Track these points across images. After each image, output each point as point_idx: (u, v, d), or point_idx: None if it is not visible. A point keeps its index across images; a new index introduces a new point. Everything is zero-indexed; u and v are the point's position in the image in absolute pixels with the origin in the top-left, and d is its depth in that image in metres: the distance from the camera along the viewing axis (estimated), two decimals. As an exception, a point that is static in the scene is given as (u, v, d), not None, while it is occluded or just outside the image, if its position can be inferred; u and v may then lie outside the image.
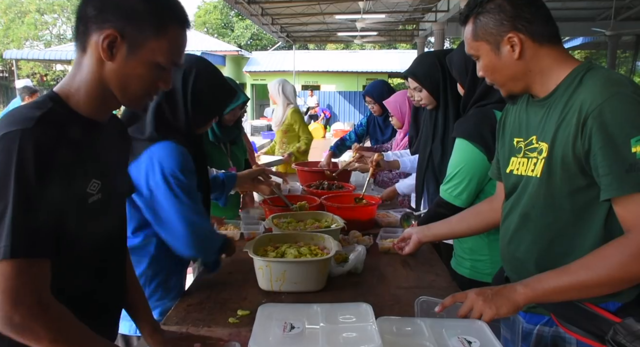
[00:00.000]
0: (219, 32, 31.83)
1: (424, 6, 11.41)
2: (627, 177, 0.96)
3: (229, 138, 2.59)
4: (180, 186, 1.41)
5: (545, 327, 1.18)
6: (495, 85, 1.22)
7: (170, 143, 1.44)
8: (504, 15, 1.12)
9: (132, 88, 0.94)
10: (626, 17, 11.65)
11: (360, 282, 1.62)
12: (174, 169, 1.41)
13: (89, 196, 0.93)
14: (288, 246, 1.64)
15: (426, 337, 1.01)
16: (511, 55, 1.13)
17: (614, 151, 0.97)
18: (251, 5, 10.42)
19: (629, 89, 1.00)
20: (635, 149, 0.94)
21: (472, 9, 1.17)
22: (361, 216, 2.22)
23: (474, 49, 1.19)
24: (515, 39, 1.11)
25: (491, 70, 1.18)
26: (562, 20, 12.69)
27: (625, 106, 0.98)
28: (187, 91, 1.48)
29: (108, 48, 0.89)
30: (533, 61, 1.13)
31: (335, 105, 20.07)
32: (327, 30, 15.54)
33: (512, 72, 1.15)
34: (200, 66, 1.53)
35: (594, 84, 1.04)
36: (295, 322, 1.02)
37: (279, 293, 1.50)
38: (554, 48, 1.14)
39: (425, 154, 2.13)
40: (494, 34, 1.13)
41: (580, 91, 1.05)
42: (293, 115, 4.03)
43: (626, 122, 0.97)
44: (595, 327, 1.07)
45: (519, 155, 1.21)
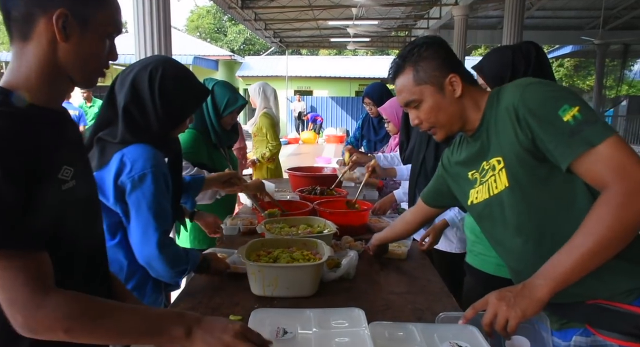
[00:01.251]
0: (211, 37, 31.82)
1: (416, 13, 11.52)
2: (573, 140, 1.02)
3: (230, 142, 2.61)
4: (147, 190, 1.39)
5: (581, 338, 1.14)
6: (434, 129, 1.29)
7: (144, 145, 1.42)
8: (441, 60, 1.24)
9: (90, 66, 0.93)
10: (614, 27, 11.83)
11: (353, 288, 1.62)
12: (144, 171, 1.39)
13: (63, 183, 0.91)
14: (281, 251, 1.64)
15: (418, 342, 1.02)
16: (453, 94, 1.23)
17: (552, 127, 1.05)
18: (244, 10, 10.45)
19: (534, 80, 1.14)
20: (566, 118, 1.03)
21: (408, 59, 1.26)
22: (353, 221, 2.23)
23: (416, 94, 1.25)
24: (455, 79, 1.23)
25: (436, 111, 1.25)
26: (553, 28, 12.86)
27: (539, 88, 1.10)
28: (154, 91, 1.45)
29: (62, 28, 0.87)
30: (467, 98, 1.25)
31: (328, 110, 20.12)
32: (320, 36, 15.61)
33: (455, 110, 1.25)
34: (166, 65, 1.50)
35: (507, 92, 1.17)
36: (288, 327, 1.03)
37: (272, 298, 1.50)
38: (476, 87, 1.28)
39: (419, 159, 2.15)
40: (437, 76, 1.23)
41: (501, 103, 1.17)
42: (262, 118, 3.93)
43: (546, 100, 1.07)
44: (633, 328, 1.05)
45: (476, 186, 1.29)
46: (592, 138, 1.00)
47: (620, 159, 0.99)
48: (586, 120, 1.01)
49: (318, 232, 1.93)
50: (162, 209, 1.43)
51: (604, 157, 1.00)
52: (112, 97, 1.48)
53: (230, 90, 2.49)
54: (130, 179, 1.38)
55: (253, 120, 4.03)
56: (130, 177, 1.38)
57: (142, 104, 1.45)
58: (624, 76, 17.04)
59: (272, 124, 3.96)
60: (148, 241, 1.39)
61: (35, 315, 0.80)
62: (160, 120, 1.46)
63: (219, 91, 2.46)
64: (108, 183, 1.40)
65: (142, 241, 1.39)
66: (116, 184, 1.39)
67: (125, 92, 1.44)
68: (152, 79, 1.45)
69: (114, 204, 1.41)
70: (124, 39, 3.48)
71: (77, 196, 0.95)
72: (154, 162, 1.41)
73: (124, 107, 1.43)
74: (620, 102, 14.54)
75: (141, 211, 1.39)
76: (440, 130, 1.29)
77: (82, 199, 0.97)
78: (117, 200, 1.41)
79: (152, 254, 1.39)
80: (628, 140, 12.33)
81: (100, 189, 1.40)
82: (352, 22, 10.73)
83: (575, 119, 1.02)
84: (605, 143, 0.99)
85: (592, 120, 1.01)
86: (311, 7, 10.52)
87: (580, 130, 1.01)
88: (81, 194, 0.97)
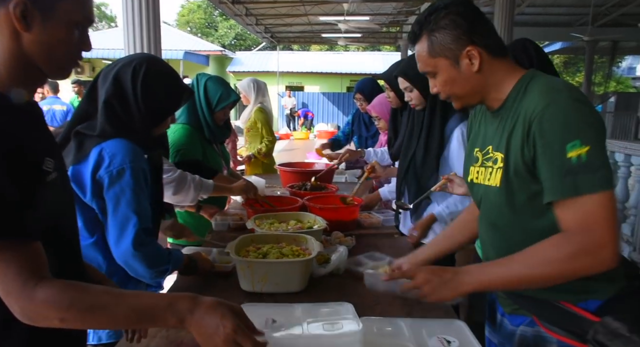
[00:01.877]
0: (202, 32, 31.60)
1: (407, 9, 11.51)
2: (564, 181, 1.00)
3: (223, 138, 2.60)
4: (125, 186, 1.36)
5: (527, 328, 1.19)
6: (451, 99, 1.23)
7: (123, 140, 1.39)
8: (460, 30, 1.13)
9: (57, 55, 0.91)
10: (603, 24, 11.92)
11: (342, 283, 1.63)
12: (123, 166, 1.36)
13: (47, 174, 0.90)
14: (270, 246, 1.64)
15: (406, 337, 1.02)
16: (470, 68, 1.15)
17: (552, 157, 1.02)
18: (235, 5, 10.38)
19: (566, 95, 1.04)
20: (570, 154, 0.99)
21: (424, 26, 1.17)
22: (343, 217, 2.23)
23: (431, 66, 1.19)
24: (473, 52, 1.13)
25: (450, 85, 1.19)
26: (542, 25, 12.92)
27: (561, 112, 1.02)
28: (136, 86, 1.43)
29: (22, 17, 0.85)
30: (489, 73, 1.16)
31: (319, 106, 20.09)
32: (311, 32, 15.55)
33: (472, 85, 1.17)
34: (151, 62, 1.49)
35: (535, 92, 1.09)
36: (277, 318, 1.03)
37: (261, 294, 1.50)
38: (504, 60, 1.18)
39: (408, 154, 2.14)
40: (452, 49, 1.14)
41: (525, 100, 1.10)
42: (257, 113, 3.91)
43: (561, 128, 1.01)
44: (575, 327, 1.09)
45: (476, 165, 1.26)
46: (583, 186, 0.98)
47: (596, 218, 0.99)
48: (589, 164, 0.98)
49: (308, 227, 1.94)
50: (141, 205, 1.39)
51: (584, 208, 0.99)
52: (94, 92, 1.46)
53: (222, 86, 2.46)
54: (108, 174, 1.35)
55: (246, 115, 4.00)
56: (108, 172, 1.35)
57: (124, 98, 1.43)
58: (612, 73, 17.21)
59: (267, 118, 3.95)
60: (125, 238, 1.35)
61: (29, 305, 0.82)
62: (142, 116, 1.44)
63: (211, 86, 2.44)
64: (86, 177, 1.37)
65: (118, 238, 1.35)
66: (94, 178, 1.37)
67: (108, 86, 1.42)
68: (136, 75, 1.44)
69: (91, 200, 1.39)
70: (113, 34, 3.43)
71: (60, 188, 0.94)
72: (133, 158, 1.39)
73: (105, 100, 1.41)
74: (609, 99, 14.67)
75: (119, 207, 1.36)
76: (456, 101, 1.23)
77: (64, 192, 0.96)
78: (94, 195, 1.38)
79: (128, 251, 1.35)
80: (615, 135, 12.47)
81: (78, 184, 1.38)
82: (344, 17, 10.70)
83: (579, 159, 0.98)
84: (593, 196, 0.98)
85: (595, 167, 0.98)
86: (302, 2, 10.48)
87: (577, 173, 0.98)
88: (63, 186, 0.96)
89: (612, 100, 14.68)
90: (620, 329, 1.02)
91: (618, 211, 4.43)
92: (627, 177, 4.40)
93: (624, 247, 4.07)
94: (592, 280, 1.06)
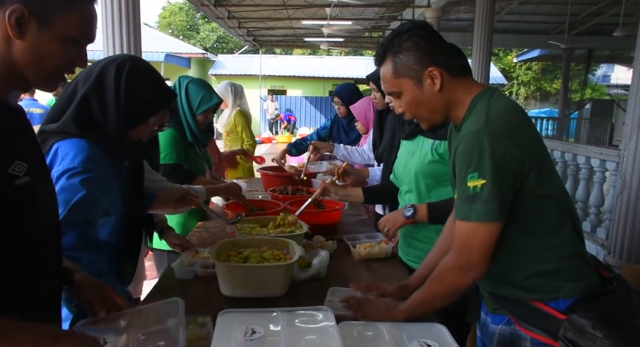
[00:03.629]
0: (184, 34, 31.33)
1: (389, 14, 11.62)
2: (463, 204, 1.13)
3: (206, 141, 2.58)
4: (72, 185, 1.26)
5: (505, 327, 1.25)
6: (417, 119, 1.29)
7: (83, 141, 1.32)
8: (422, 52, 1.20)
9: (46, 66, 0.90)
10: (579, 33, 12.22)
11: (324, 287, 1.62)
12: (72, 165, 1.28)
13: (14, 178, 0.87)
14: (251, 251, 1.63)
15: (387, 341, 1.02)
16: (432, 88, 1.21)
17: (460, 183, 1.14)
18: (217, 7, 10.32)
19: (484, 128, 1.11)
20: (469, 184, 1.10)
21: (388, 49, 1.24)
22: (325, 220, 2.23)
23: (396, 86, 1.24)
24: (435, 72, 1.19)
25: (415, 105, 1.24)
26: (521, 32, 13.18)
27: (473, 144, 1.10)
28: (119, 84, 1.39)
29: (16, 25, 0.84)
30: (450, 93, 1.22)
31: (302, 110, 20.10)
32: (294, 35, 15.57)
33: (434, 104, 1.23)
34: (135, 61, 1.47)
35: (471, 117, 1.18)
36: (257, 328, 1.02)
37: (242, 299, 1.48)
38: (464, 80, 1.24)
39: (392, 157, 2.17)
40: (415, 69, 1.20)
41: (467, 122, 1.19)
42: (237, 117, 3.87)
43: (468, 158, 1.11)
44: (547, 325, 1.14)
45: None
46: (472, 214, 1.11)
47: (475, 243, 1.12)
48: (481, 196, 1.09)
49: (289, 232, 1.93)
50: (87, 206, 1.28)
51: (468, 232, 1.13)
52: (74, 93, 1.41)
53: (204, 89, 2.44)
54: (57, 173, 1.28)
55: (225, 119, 3.97)
56: (57, 171, 1.29)
57: (104, 97, 1.39)
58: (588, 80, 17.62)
59: (247, 121, 3.94)
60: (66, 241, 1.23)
61: None
62: (119, 117, 1.40)
63: (193, 89, 2.41)
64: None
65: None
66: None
67: (90, 83, 1.39)
68: (119, 72, 1.41)
69: None
70: (92, 35, 3.36)
71: (33, 193, 0.91)
72: (87, 164, 1.30)
73: (83, 95, 1.36)
74: (585, 105, 15.03)
75: (65, 204, 1.25)
76: (423, 121, 1.29)
77: (38, 197, 0.93)
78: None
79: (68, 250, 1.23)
80: (591, 141, 12.76)
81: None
82: (327, 22, 10.74)
83: (474, 189, 1.09)
84: (478, 224, 1.11)
85: (485, 199, 1.08)
86: (285, 6, 10.48)
87: (472, 201, 1.10)
88: (37, 191, 0.93)
89: (588, 107, 15.03)
90: (585, 326, 1.06)
91: (594, 216, 4.51)
92: (602, 182, 4.50)
93: (599, 250, 4.16)
94: (559, 279, 1.15)
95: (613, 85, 20.33)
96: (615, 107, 13.49)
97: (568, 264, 1.17)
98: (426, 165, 1.75)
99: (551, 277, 1.16)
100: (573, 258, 1.18)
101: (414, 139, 1.87)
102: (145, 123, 1.50)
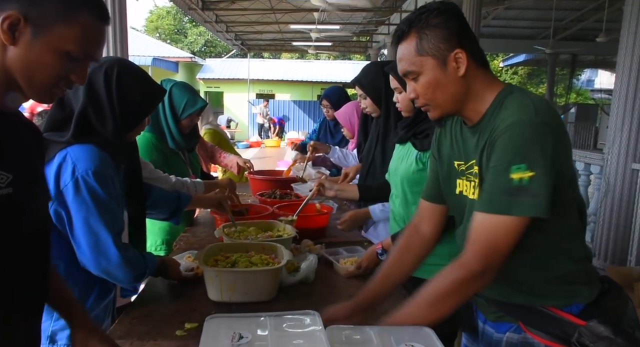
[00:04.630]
0: (171, 38, 31.20)
1: (377, 19, 11.69)
2: (501, 198, 1.03)
3: (190, 145, 2.54)
4: (91, 192, 1.30)
5: (514, 334, 1.19)
6: (429, 106, 1.18)
7: (91, 146, 1.35)
8: (451, 31, 1.10)
9: (38, 77, 0.87)
10: (563, 38, 12.42)
11: (312, 292, 1.62)
12: (88, 172, 1.30)
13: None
14: (239, 255, 1.62)
15: (375, 345, 1.02)
16: (456, 72, 1.11)
17: (497, 174, 1.04)
18: (205, 11, 10.30)
19: (531, 116, 1.04)
20: (513, 176, 1.01)
21: (414, 24, 1.12)
22: (313, 225, 2.23)
23: (416, 65, 1.13)
24: (461, 55, 1.10)
25: (433, 87, 1.13)
26: (508, 37, 13.34)
27: (521, 134, 1.03)
28: (111, 90, 1.40)
29: (9, 30, 0.83)
30: (472, 81, 1.13)
31: (290, 114, 20.11)
32: (282, 40, 15.58)
33: (454, 90, 1.13)
34: (121, 64, 1.46)
35: (507, 110, 1.08)
36: (244, 333, 1.01)
37: (230, 304, 1.47)
38: (486, 72, 1.16)
39: (368, 159, 2.20)
40: (441, 48, 1.10)
41: (499, 115, 1.09)
42: (208, 137, 3.58)
43: (515, 149, 1.03)
44: (560, 331, 1.10)
45: (463, 178, 1.23)
46: (515, 208, 1.02)
47: (503, 239, 1.04)
48: (530, 189, 1.00)
49: (277, 236, 1.92)
50: (111, 210, 1.35)
51: (498, 227, 1.04)
52: (62, 99, 1.41)
53: (189, 92, 2.42)
54: (73, 180, 1.30)
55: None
56: (73, 178, 1.30)
57: (99, 105, 1.40)
58: (572, 85, 17.88)
59: (220, 138, 3.73)
60: (102, 247, 1.31)
61: None
62: (116, 121, 1.41)
63: (177, 93, 2.38)
64: (48, 181, 1.29)
65: (94, 249, 1.31)
66: (57, 186, 1.31)
67: (81, 94, 1.39)
68: (109, 78, 1.41)
69: (52, 204, 1.32)
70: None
71: (13, 202, 0.86)
72: (99, 164, 1.34)
73: (81, 111, 1.37)
74: (569, 110, 15.23)
75: (88, 215, 1.31)
76: (435, 109, 1.17)
77: (18, 206, 0.89)
78: (57, 203, 1.32)
79: (109, 261, 1.32)
80: (576, 145, 12.94)
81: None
82: (315, 26, 10.77)
83: (520, 182, 1.01)
84: (517, 219, 1.02)
85: (534, 192, 1.00)
86: (273, 10, 10.49)
87: (517, 194, 1.01)
88: (22, 202, 0.89)
89: (573, 111, 15.24)
90: (604, 332, 1.05)
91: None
92: (587, 186, 4.57)
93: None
94: (575, 284, 1.11)
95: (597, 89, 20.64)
96: (599, 111, 13.70)
97: (582, 267, 1.14)
98: (411, 173, 1.76)
99: (568, 281, 1.12)
100: (586, 261, 1.16)
101: (404, 144, 1.86)
102: (141, 123, 1.53)
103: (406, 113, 1.86)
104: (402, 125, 1.85)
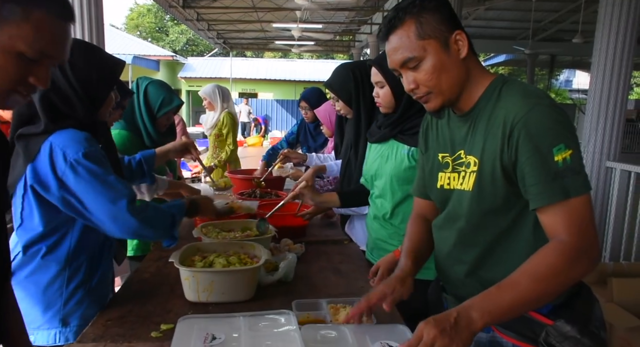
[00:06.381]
0: (153, 36, 30.82)
1: (359, 18, 11.73)
2: (554, 184, 1.00)
3: (165, 144, 2.52)
4: (89, 171, 1.30)
5: (482, 334, 1.18)
6: (430, 95, 1.13)
7: (71, 130, 1.34)
8: (447, 15, 1.09)
9: None
10: (542, 38, 12.63)
11: (291, 291, 1.61)
12: (78, 154, 1.30)
13: None
14: (217, 255, 1.60)
15: (350, 343, 1.02)
16: (458, 54, 1.09)
17: (541, 161, 1.01)
18: (186, 9, 10.21)
19: (547, 101, 1.04)
20: (557, 158, 0.99)
21: (408, 11, 1.09)
22: (293, 223, 2.22)
23: (417, 50, 1.08)
24: (462, 37, 1.08)
25: (439, 71, 1.09)
26: (487, 37, 13.53)
27: (547, 116, 1.02)
28: (66, 73, 1.37)
29: None
30: (471, 65, 1.12)
31: (273, 113, 20.06)
32: (264, 38, 15.53)
33: (458, 73, 1.10)
34: (72, 45, 1.45)
35: (513, 97, 1.07)
36: (217, 333, 1.00)
37: (207, 304, 1.46)
38: (477, 60, 1.16)
39: (345, 160, 2.21)
40: (442, 30, 1.08)
41: (501, 104, 1.08)
42: (226, 118, 3.94)
43: (548, 131, 1.01)
44: (528, 330, 1.10)
45: (447, 170, 1.21)
46: (571, 189, 0.99)
47: (584, 218, 1.00)
48: (573, 167, 0.99)
49: (256, 235, 1.91)
50: (113, 182, 1.34)
51: (572, 210, 1.00)
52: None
53: (165, 90, 2.40)
54: (69, 166, 1.29)
55: (214, 121, 3.95)
56: (68, 165, 1.29)
57: (60, 89, 1.37)
58: (551, 85, 18.20)
59: (234, 124, 3.99)
60: (120, 218, 1.31)
61: None
62: (83, 102, 1.39)
63: (152, 91, 2.36)
64: (46, 175, 1.30)
65: (114, 221, 1.31)
66: (56, 176, 1.30)
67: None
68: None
69: (57, 195, 1.31)
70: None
71: None
72: (87, 145, 1.33)
73: (41, 97, 1.34)
74: (548, 109, 15.51)
75: (95, 193, 1.30)
76: (437, 96, 1.12)
77: None
78: (61, 190, 1.30)
79: (129, 228, 1.33)
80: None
81: (40, 182, 1.31)
82: (297, 25, 10.75)
83: (565, 162, 0.99)
84: (579, 198, 1.00)
85: (578, 169, 1.00)
86: (255, 8, 10.45)
87: (564, 176, 0.99)
88: None
89: (552, 110, 15.49)
90: (571, 332, 1.05)
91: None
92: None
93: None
94: None
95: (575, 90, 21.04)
96: (577, 110, 13.97)
97: None
98: (402, 171, 1.72)
99: None
100: None
101: (386, 142, 1.82)
102: (108, 99, 1.50)
103: (386, 109, 1.79)
104: (386, 123, 1.80)
